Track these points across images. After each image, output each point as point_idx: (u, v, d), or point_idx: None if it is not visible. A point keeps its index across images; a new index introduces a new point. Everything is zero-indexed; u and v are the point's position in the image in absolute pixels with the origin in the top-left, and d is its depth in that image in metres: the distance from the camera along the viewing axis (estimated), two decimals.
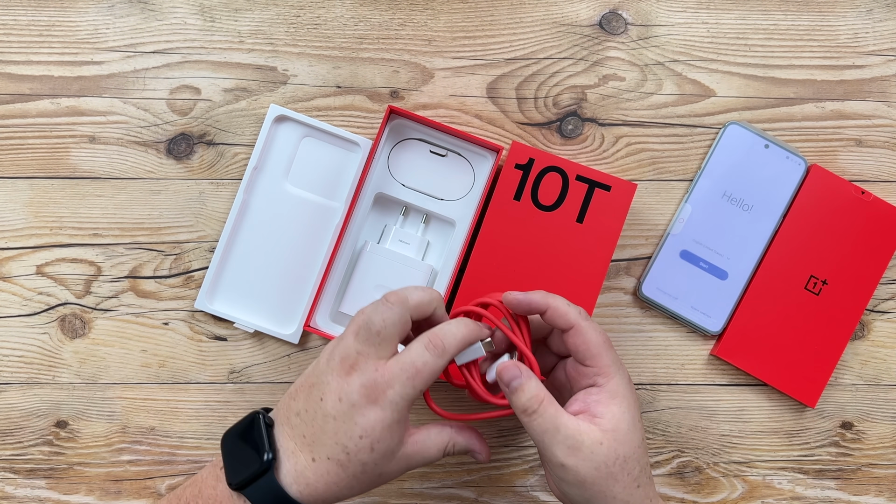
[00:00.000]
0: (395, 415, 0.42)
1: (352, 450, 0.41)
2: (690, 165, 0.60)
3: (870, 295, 0.59)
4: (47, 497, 0.59)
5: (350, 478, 0.42)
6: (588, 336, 0.44)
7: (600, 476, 0.42)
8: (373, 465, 0.42)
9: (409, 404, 0.42)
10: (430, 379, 0.42)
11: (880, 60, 0.61)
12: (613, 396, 0.44)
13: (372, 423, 0.41)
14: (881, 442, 0.61)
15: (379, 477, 0.43)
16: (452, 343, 0.43)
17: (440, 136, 0.58)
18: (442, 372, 0.44)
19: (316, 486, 0.42)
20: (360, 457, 0.41)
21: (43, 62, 0.59)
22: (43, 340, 0.59)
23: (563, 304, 0.45)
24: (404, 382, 0.42)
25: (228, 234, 0.58)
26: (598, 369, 0.44)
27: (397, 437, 0.42)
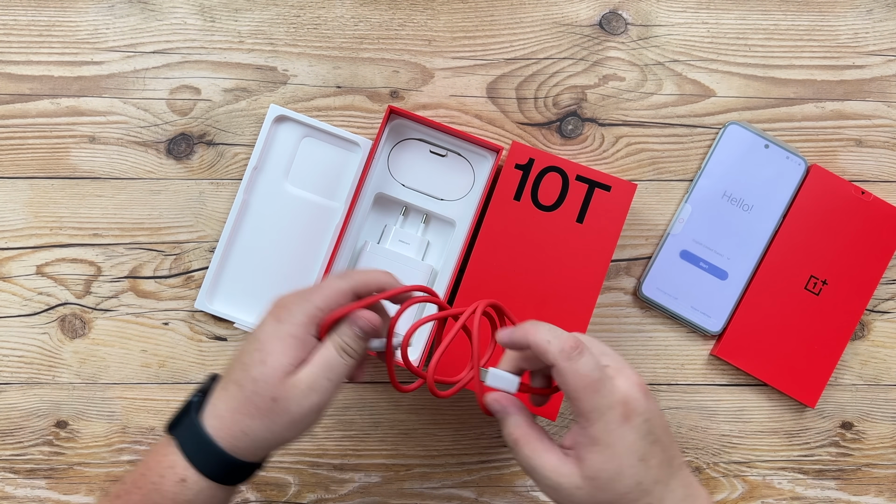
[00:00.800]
0: (290, 328, 0.41)
1: (248, 364, 0.41)
2: (690, 165, 0.60)
3: (870, 295, 0.59)
4: (47, 497, 0.59)
5: (247, 401, 0.41)
6: (566, 378, 0.40)
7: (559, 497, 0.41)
8: (264, 383, 0.40)
9: (307, 320, 0.41)
10: (330, 296, 0.42)
11: (880, 60, 0.61)
12: (594, 443, 0.40)
13: (267, 335, 0.41)
14: (881, 442, 0.61)
15: (274, 403, 0.40)
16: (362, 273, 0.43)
17: (440, 136, 0.58)
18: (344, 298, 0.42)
19: (224, 415, 0.41)
20: (253, 371, 0.41)
21: (43, 62, 0.59)
22: (43, 340, 0.59)
23: (542, 341, 0.40)
24: (304, 295, 0.42)
25: (228, 234, 0.58)
26: (578, 411, 0.40)
27: (291, 354, 0.41)
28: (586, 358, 0.40)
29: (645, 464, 0.40)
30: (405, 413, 0.60)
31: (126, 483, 0.43)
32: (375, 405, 0.60)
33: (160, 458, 0.42)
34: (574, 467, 0.40)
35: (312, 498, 0.60)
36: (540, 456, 0.41)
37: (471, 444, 0.61)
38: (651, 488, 0.40)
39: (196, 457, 0.41)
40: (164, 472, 0.42)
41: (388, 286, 0.44)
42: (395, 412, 0.60)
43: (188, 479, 0.41)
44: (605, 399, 0.39)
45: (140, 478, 0.42)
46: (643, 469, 0.40)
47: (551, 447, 0.41)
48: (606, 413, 0.39)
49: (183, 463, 0.41)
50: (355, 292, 0.43)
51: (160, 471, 0.42)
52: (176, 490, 0.41)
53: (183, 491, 0.41)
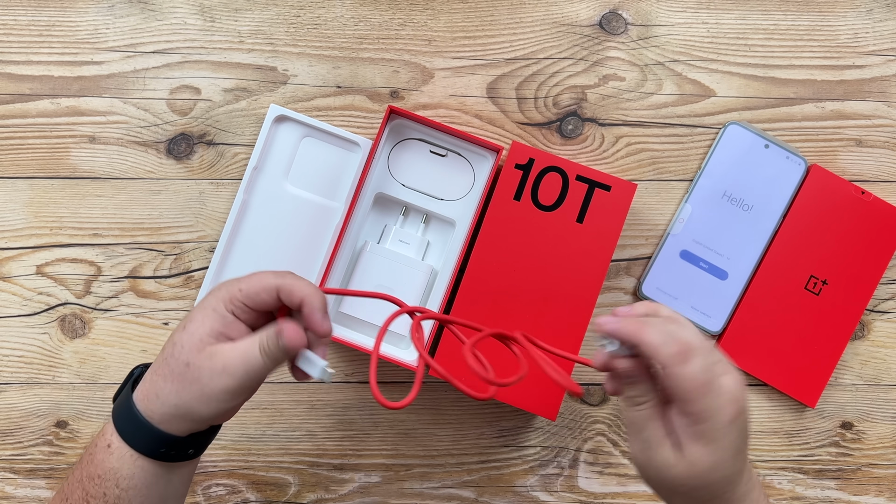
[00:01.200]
0: (212, 300, 0.42)
1: (174, 330, 0.42)
2: (690, 165, 0.60)
3: (870, 295, 0.59)
4: (47, 497, 0.59)
5: (164, 363, 0.41)
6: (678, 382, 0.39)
7: (663, 486, 0.42)
8: (181, 346, 0.41)
9: (228, 298, 0.42)
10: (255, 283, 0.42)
11: (880, 60, 0.61)
12: (700, 437, 0.40)
13: (195, 308, 0.43)
14: (881, 442, 0.61)
15: (186, 368, 0.41)
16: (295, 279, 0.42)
17: (440, 136, 0.58)
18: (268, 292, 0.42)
19: (145, 378, 0.42)
20: (174, 337, 0.42)
21: (43, 62, 0.59)
22: (43, 340, 0.59)
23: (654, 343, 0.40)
24: (234, 280, 0.43)
25: (228, 234, 0.58)
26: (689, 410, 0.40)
27: (209, 325, 0.41)
28: (697, 360, 0.39)
29: (737, 457, 0.41)
30: (405, 413, 0.60)
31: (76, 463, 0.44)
32: (375, 405, 0.60)
33: (101, 430, 0.43)
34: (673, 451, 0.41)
35: (312, 498, 0.60)
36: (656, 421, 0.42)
37: (471, 444, 0.61)
38: (736, 478, 0.42)
39: (119, 422, 0.42)
40: (97, 441, 0.43)
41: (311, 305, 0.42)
42: (395, 412, 0.60)
43: (112, 444, 0.42)
44: (716, 400, 0.40)
45: (84, 450, 0.44)
46: (736, 462, 0.41)
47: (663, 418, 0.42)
48: (717, 413, 0.40)
49: (111, 429, 0.42)
50: (279, 291, 0.42)
51: (96, 440, 0.43)
52: (103, 456, 0.42)
53: (107, 458, 0.42)
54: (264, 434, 0.60)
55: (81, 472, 0.43)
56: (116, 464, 0.42)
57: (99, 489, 0.42)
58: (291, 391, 0.60)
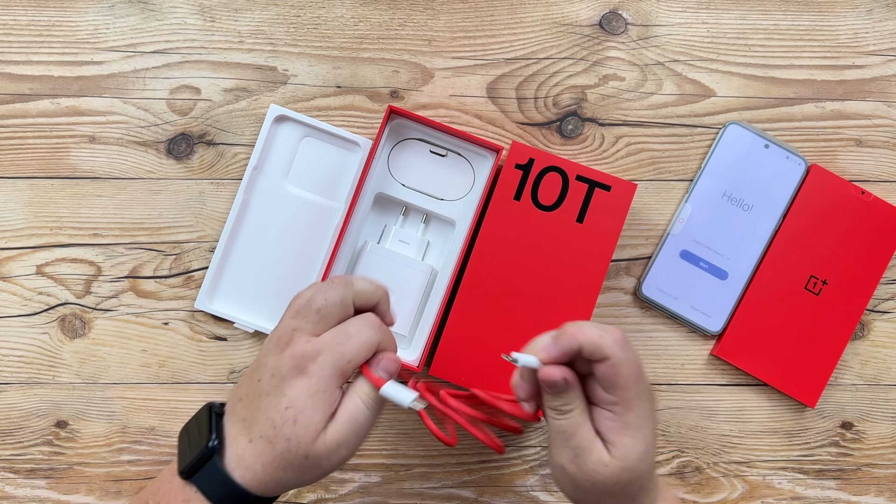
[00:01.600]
0: (320, 383, 0.41)
1: (278, 423, 0.41)
2: (690, 165, 0.60)
3: (870, 295, 0.59)
4: (47, 497, 0.59)
5: (279, 457, 0.41)
6: (621, 370, 0.41)
7: (596, 490, 0.43)
8: (296, 441, 0.41)
9: (336, 373, 0.41)
10: (360, 348, 0.42)
11: (880, 60, 0.61)
12: (627, 427, 0.42)
13: (297, 393, 0.41)
14: (881, 442, 0.61)
15: (306, 459, 0.41)
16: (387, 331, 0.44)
17: (440, 136, 0.58)
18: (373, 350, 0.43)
19: (254, 468, 0.41)
20: (284, 431, 0.41)
21: (43, 62, 0.59)
22: (43, 340, 0.59)
23: (595, 337, 0.42)
24: (333, 349, 0.41)
25: (228, 234, 0.58)
26: (618, 399, 0.42)
27: (322, 411, 0.41)
28: (631, 347, 0.42)
29: (655, 442, 0.44)
30: (405, 413, 0.60)
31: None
32: None
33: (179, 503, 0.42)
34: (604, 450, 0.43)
35: (312, 498, 0.60)
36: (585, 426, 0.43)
37: (471, 444, 0.61)
38: (654, 464, 0.45)
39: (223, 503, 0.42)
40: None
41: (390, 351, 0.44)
42: (395, 412, 0.60)
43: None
44: (643, 386, 0.42)
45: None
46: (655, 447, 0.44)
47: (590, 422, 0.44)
48: (643, 399, 0.42)
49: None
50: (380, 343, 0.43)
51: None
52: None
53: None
54: None
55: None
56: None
57: None
58: None
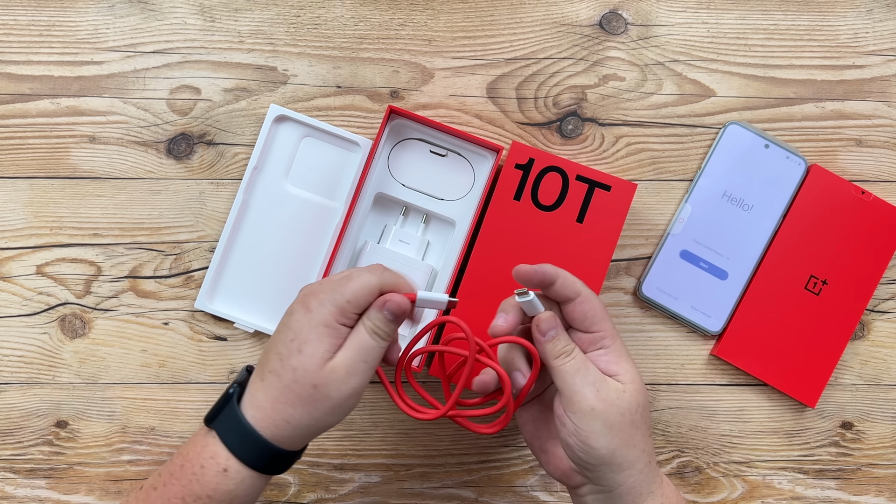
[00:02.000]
0: (320, 317, 0.42)
1: (284, 354, 0.42)
2: (690, 165, 0.60)
3: (870, 295, 0.59)
4: (47, 497, 0.59)
5: (287, 389, 0.42)
6: (595, 303, 0.45)
7: (626, 422, 0.44)
8: (302, 370, 0.42)
9: (337, 311, 0.43)
10: (359, 291, 0.43)
11: (880, 60, 0.61)
12: (621, 355, 0.45)
13: (300, 324, 0.43)
14: (881, 442, 0.61)
15: (315, 389, 0.42)
16: (391, 274, 0.45)
17: (440, 136, 0.58)
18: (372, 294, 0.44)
19: (264, 405, 0.43)
20: (290, 361, 0.42)
21: (43, 62, 0.59)
22: (43, 340, 0.59)
23: (570, 275, 0.46)
24: (335, 288, 0.43)
25: (228, 234, 0.58)
26: (604, 332, 0.45)
27: (326, 343, 0.42)
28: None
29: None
30: (405, 413, 0.60)
31: (163, 474, 0.44)
32: (375, 405, 0.60)
33: (199, 449, 0.43)
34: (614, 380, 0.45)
35: (312, 498, 0.60)
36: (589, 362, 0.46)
37: (471, 444, 0.61)
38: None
39: (238, 447, 0.43)
40: (204, 463, 0.43)
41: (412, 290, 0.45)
42: (395, 412, 0.60)
43: (230, 468, 0.42)
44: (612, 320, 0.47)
45: (178, 469, 0.43)
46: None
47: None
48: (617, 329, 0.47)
49: (224, 453, 0.43)
50: (382, 290, 0.44)
51: (200, 461, 0.43)
52: (217, 480, 0.42)
53: (224, 481, 0.43)
54: None
55: (182, 490, 0.43)
56: (234, 486, 0.43)
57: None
58: None
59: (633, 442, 0.44)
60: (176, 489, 0.43)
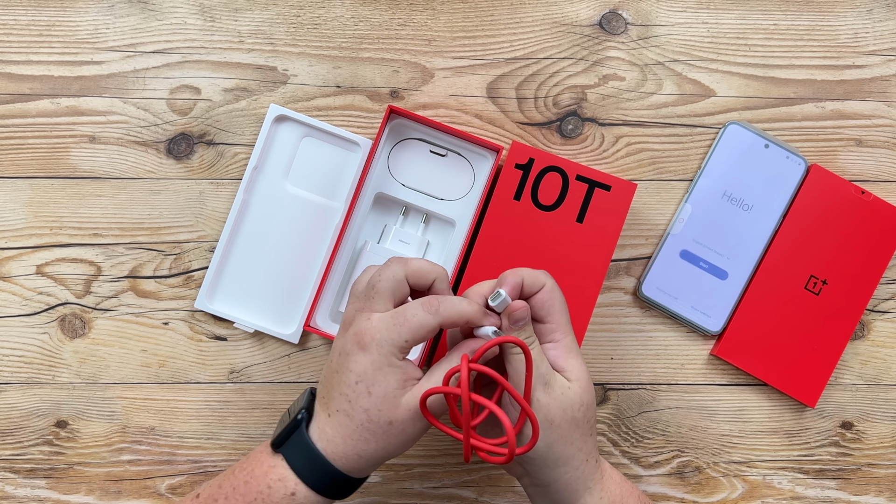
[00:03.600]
0: (382, 358, 0.43)
1: (352, 396, 0.43)
2: (690, 165, 0.60)
3: (870, 295, 0.59)
4: (47, 497, 0.59)
5: (360, 428, 0.43)
6: (555, 294, 0.46)
7: (566, 419, 0.44)
8: (376, 411, 0.43)
9: (397, 350, 0.43)
10: (417, 330, 0.43)
11: (880, 60, 0.61)
12: (570, 351, 0.46)
13: (363, 367, 0.43)
14: (881, 442, 0.61)
15: (390, 426, 0.43)
16: (449, 308, 0.43)
17: (440, 136, 0.58)
18: (432, 333, 0.43)
19: (335, 440, 0.43)
20: (360, 403, 0.43)
21: (43, 62, 0.59)
22: (43, 340, 0.59)
23: (531, 271, 0.46)
24: (391, 328, 0.43)
25: (228, 233, 0.58)
26: (556, 325, 0.46)
27: (393, 381, 0.43)
28: None
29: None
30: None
31: (224, 487, 0.45)
32: None
33: (266, 469, 0.44)
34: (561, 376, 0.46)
35: None
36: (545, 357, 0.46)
37: None
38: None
39: (308, 474, 0.44)
40: (271, 484, 0.44)
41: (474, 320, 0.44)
42: None
43: (297, 493, 0.43)
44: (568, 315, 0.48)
45: (242, 485, 0.44)
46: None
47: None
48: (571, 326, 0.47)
49: (293, 478, 0.44)
50: (441, 326, 0.44)
51: (267, 482, 0.44)
52: (285, 502, 0.43)
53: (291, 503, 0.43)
54: (265, 434, 0.60)
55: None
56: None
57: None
58: (292, 391, 0.60)
59: (570, 439, 0.45)
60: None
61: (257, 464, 0.45)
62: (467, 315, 0.44)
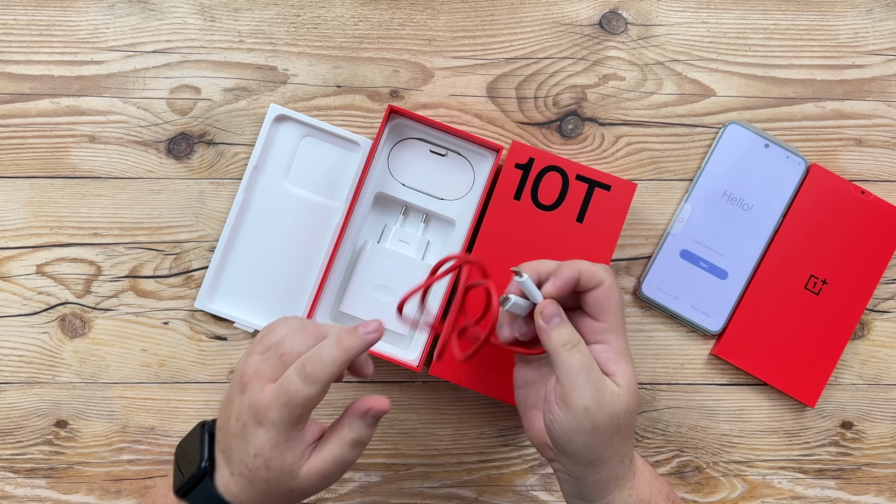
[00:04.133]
0: (279, 436, 0.42)
1: (252, 467, 0.43)
2: (690, 165, 0.60)
3: (870, 294, 0.59)
4: (47, 497, 0.59)
5: (262, 494, 0.43)
6: (612, 293, 0.45)
7: (611, 425, 0.44)
8: (276, 482, 0.43)
9: (292, 426, 0.42)
10: (304, 405, 0.42)
11: (880, 60, 0.61)
12: (621, 354, 0.45)
13: (262, 443, 0.42)
14: (881, 441, 0.61)
15: (291, 493, 0.43)
16: (324, 372, 0.42)
17: (440, 136, 0.58)
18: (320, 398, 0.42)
19: (241, 497, 0.43)
20: (259, 474, 0.43)
21: (43, 62, 0.59)
22: (43, 340, 0.59)
23: (590, 266, 0.45)
24: (280, 408, 0.42)
25: (228, 233, 0.58)
26: (610, 326, 0.45)
27: (291, 456, 0.43)
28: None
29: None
30: (405, 412, 0.60)
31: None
32: None
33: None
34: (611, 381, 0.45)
35: (313, 498, 0.60)
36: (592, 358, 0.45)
37: (471, 444, 0.61)
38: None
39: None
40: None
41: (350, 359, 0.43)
42: (395, 412, 0.60)
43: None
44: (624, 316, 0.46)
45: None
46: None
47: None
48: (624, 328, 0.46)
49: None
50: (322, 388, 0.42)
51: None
52: None
53: None
54: None
55: None
56: None
57: None
58: None
59: (611, 443, 0.44)
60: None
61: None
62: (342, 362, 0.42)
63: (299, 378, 0.42)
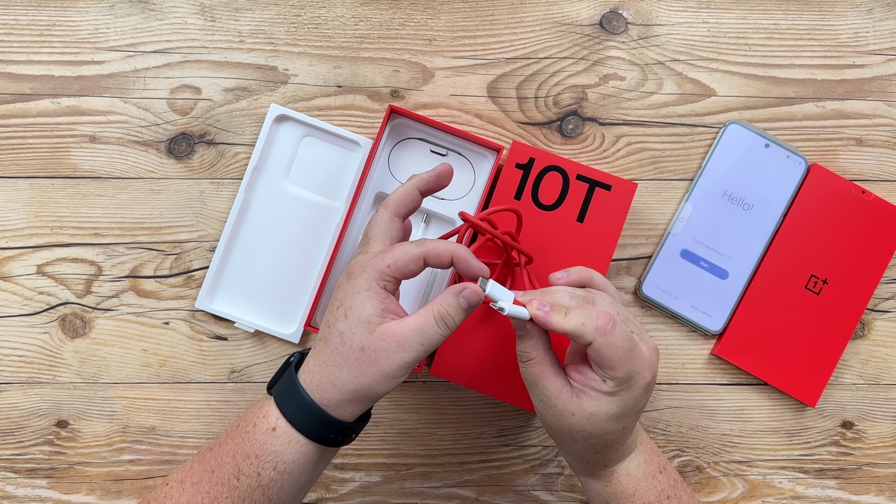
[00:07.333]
0: (363, 282, 0.43)
1: (331, 321, 0.44)
2: (691, 165, 0.60)
3: (870, 294, 0.59)
4: (48, 497, 0.59)
5: (334, 353, 0.43)
6: (604, 353, 0.43)
7: (562, 430, 0.45)
8: (350, 333, 0.43)
9: (379, 276, 0.43)
10: (400, 257, 0.43)
11: (881, 60, 0.61)
12: (612, 395, 0.44)
13: (345, 293, 0.44)
14: (881, 441, 0.61)
15: (362, 352, 0.42)
16: (435, 242, 0.44)
17: (441, 136, 0.58)
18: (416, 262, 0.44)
19: (313, 369, 0.44)
20: (337, 326, 0.43)
21: (44, 62, 0.59)
22: (43, 340, 0.59)
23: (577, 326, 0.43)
24: (376, 256, 0.44)
25: (229, 233, 0.58)
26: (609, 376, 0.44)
27: (370, 307, 0.43)
28: (619, 330, 0.43)
29: (637, 415, 0.46)
30: (405, 412, 0.60)
31: (219, 436, 0.45)
32: (376, 405, 0.60)
33: (255, 411, 0.45)
34: (576, 400, 0.44)
35: (313, 497, 0.60)
36: (548, 377, 0.45)
37: (471, 444, 0.61)
38: (629, 434, 0.47)
39: (288, 408, 0.43)
40: (257, 422, 0.44)
41: (461, 260, 0.44)
42: (396, 412, 0.60)
43: (278, 428, 0.43)
44: (635, 365, 0.44)
45: (234, 429, 0.45)
46: (634, 419, 0.46)
47: (559, 373, 0.45)
48: (634, 377, 0.44)
49: (276, 413, 0.44)
50: (426, 259, 0.44)
51: (254, 420, 0.44)
52: (265, 439, 0.43)
53: (271, 440, 0.43)
54: None
55: (234, 448, 0.44)
56: (280, 447, 0.43)
57: (253, 468, 0.43)
58: None
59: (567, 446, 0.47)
60: (229, 447, 0.44)
61: (251, 409, 0.46)
62: (451, 250, 0.44)
63: (410, 241, 0.45)
